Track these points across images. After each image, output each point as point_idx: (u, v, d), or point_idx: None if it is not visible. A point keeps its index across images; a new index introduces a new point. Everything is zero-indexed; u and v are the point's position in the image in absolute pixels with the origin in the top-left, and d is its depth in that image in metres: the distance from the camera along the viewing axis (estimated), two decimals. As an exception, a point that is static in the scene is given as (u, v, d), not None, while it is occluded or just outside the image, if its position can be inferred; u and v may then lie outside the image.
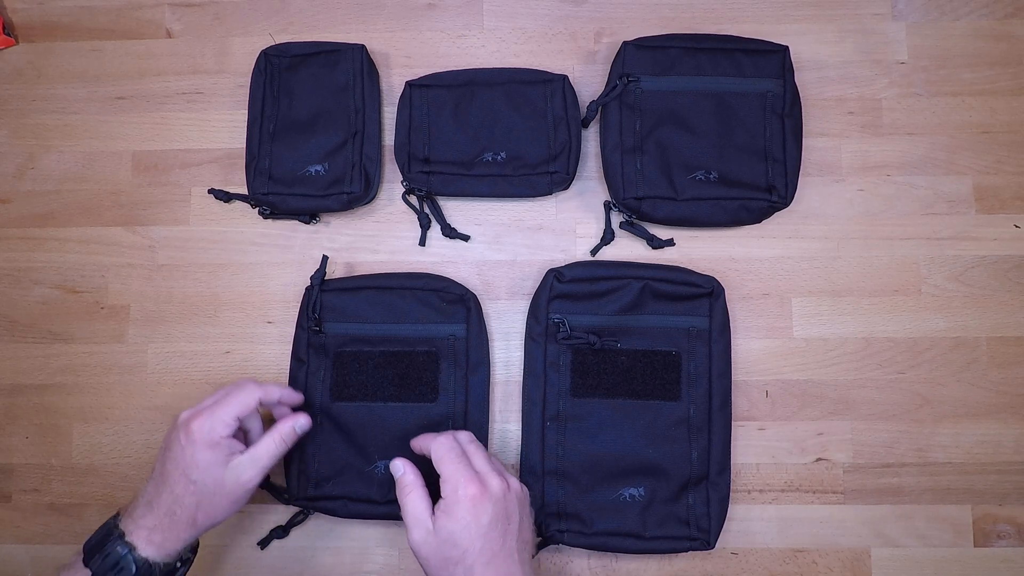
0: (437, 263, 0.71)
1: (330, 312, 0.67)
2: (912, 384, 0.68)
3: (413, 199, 0.71)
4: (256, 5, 0.74)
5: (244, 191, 0.70)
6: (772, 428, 0.68)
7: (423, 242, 0.70)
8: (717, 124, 0.67)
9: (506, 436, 0.68)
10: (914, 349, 0.68)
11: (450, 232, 0.70)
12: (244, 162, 0.70)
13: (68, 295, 0.72)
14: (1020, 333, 0.68)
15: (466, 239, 0.70)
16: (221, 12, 0.74)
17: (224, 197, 0.71)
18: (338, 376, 0.66)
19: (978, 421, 0.68)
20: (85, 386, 0.71)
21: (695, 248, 0.70)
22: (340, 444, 0.66)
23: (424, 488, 0.57)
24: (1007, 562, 0.67)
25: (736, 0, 0.72)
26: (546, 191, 0.68)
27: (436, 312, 0.67)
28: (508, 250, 0.71)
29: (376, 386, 0.66)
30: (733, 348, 0.67)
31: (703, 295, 0.66)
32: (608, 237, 0.69)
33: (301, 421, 0.61)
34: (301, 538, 0.68)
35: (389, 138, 0.71)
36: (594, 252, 0.70)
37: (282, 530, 0.67)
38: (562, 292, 0.66)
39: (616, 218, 0.70)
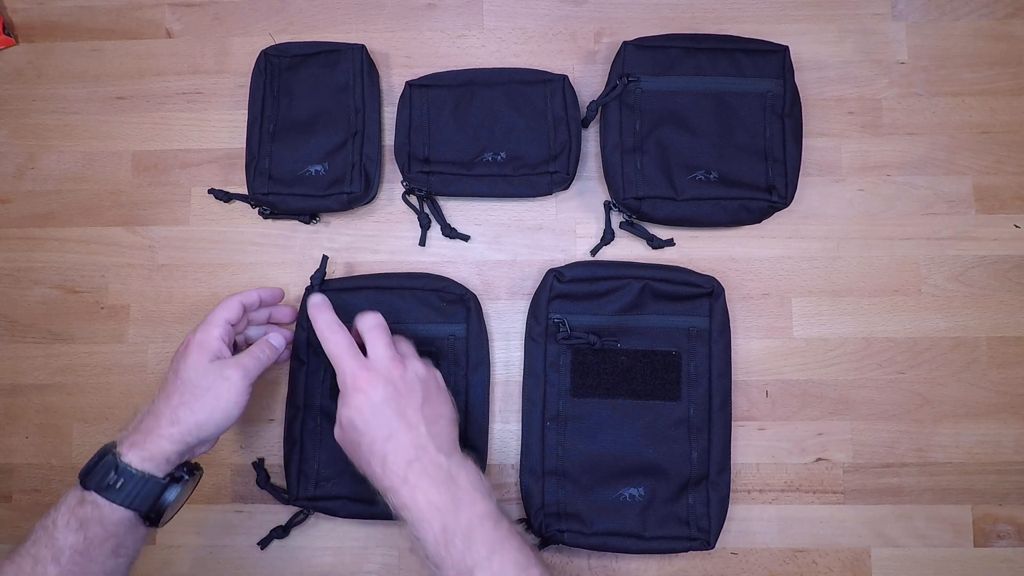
0: (437, 263, 0.71)
1: (330, 312, 0.67)
2: (912, 384, 0.68)
3: (413, 199, 0.71)
4: (256, 5, 0.74)
5: (244, 191, 0.70)
6: (772, 428, 0.68)
7: (423, 242, 0.70)
8: (717, 124, 0.67)
9: (506, 436, 0.68)
10: (914, 349, 0.68)
11: (450, 232, 0.70)
12: (244, 162, 0.70)
13: (68, 295, 0.72)
14: (1020, 333, 0.68)
15: (466, 239, 0.70)
16: (221, 12, 0.74)
17: (224, 197, 0.71)
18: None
19: (978, 421, 0.68)
20: (85, 386, 0.71)
21: (695, 248, 0.70)
22: (340, 444, 0.66)
23: None
24: (1007, 562, 0.67)
25: (736, 0, 0.72)
26: (546, 191, 0.68)
27: (436, 312, 0.67)
28: (508, 250, 0.71)
29: (376, 386, 0.66)
30: (733, 348, 0.67)
31: (703, 295, 0.66)
32: (608, 237, 0.69)
33: (274, 334, 0.63)
34: (301, 538, 0.68)
35: (389, 138, 0.71)
36: (594, 252, 0.70)
37: (282, 530, 0.67)
38: (562, 292, 0.66)
39: (616, 218, 0.70)
